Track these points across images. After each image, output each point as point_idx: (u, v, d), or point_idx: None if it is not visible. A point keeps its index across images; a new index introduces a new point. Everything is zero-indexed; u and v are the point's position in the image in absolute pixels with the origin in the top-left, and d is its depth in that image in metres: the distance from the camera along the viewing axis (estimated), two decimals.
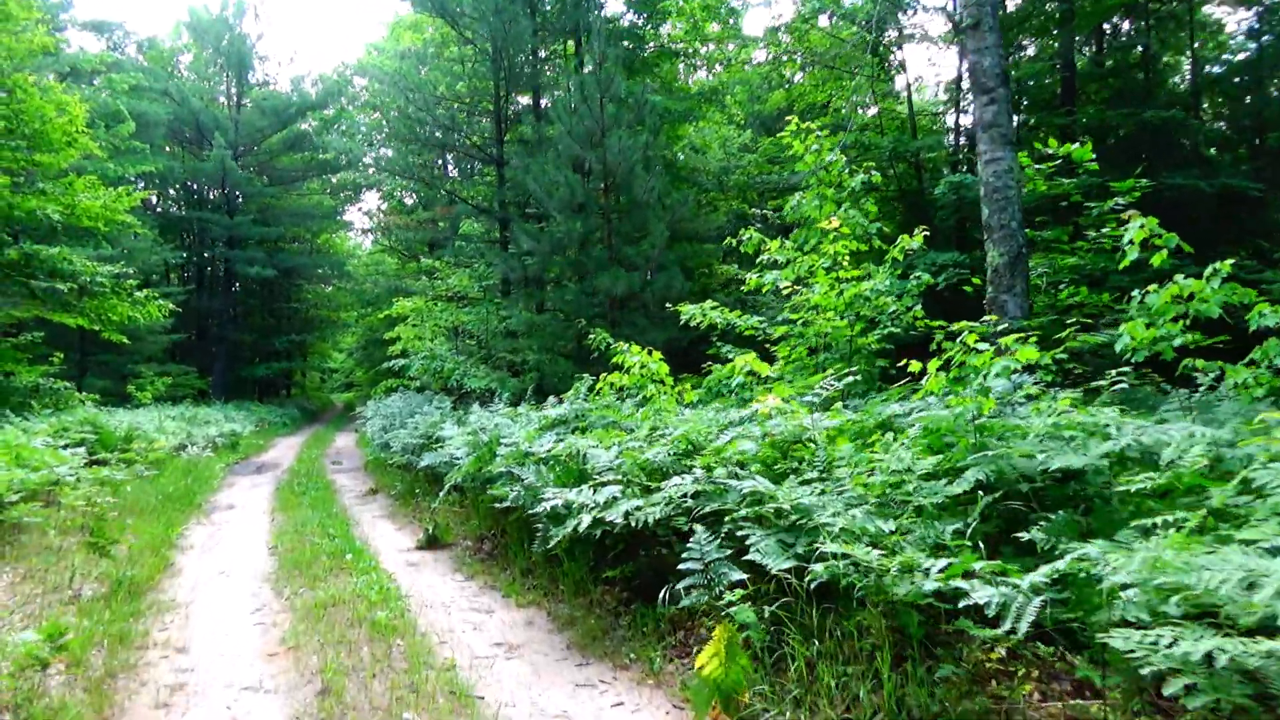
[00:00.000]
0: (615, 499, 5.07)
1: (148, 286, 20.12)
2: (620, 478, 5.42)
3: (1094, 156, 7.58)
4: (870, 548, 3.62)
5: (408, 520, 10.11)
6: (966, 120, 17.97)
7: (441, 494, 8.14)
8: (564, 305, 11.68)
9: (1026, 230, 8.18)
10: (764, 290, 9.08)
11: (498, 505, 6.98)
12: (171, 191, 37.00)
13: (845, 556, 3.57)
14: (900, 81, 20.72)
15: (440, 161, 22.85)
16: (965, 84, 17.02)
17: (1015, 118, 13.82)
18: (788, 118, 9.97)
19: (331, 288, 42.98)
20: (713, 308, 9.15)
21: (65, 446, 12.13)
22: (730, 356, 9.03)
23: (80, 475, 9.92)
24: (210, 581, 7.19)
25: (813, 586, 3.74)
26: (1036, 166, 8.07)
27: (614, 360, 10.92)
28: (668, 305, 12.61)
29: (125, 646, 5.26)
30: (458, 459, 8.56)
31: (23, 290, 17.11)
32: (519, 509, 6.38)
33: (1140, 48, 18.25)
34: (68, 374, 25.89)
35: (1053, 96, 17.17)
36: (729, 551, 4.28)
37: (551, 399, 9.24)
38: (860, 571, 3.56)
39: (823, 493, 4.16)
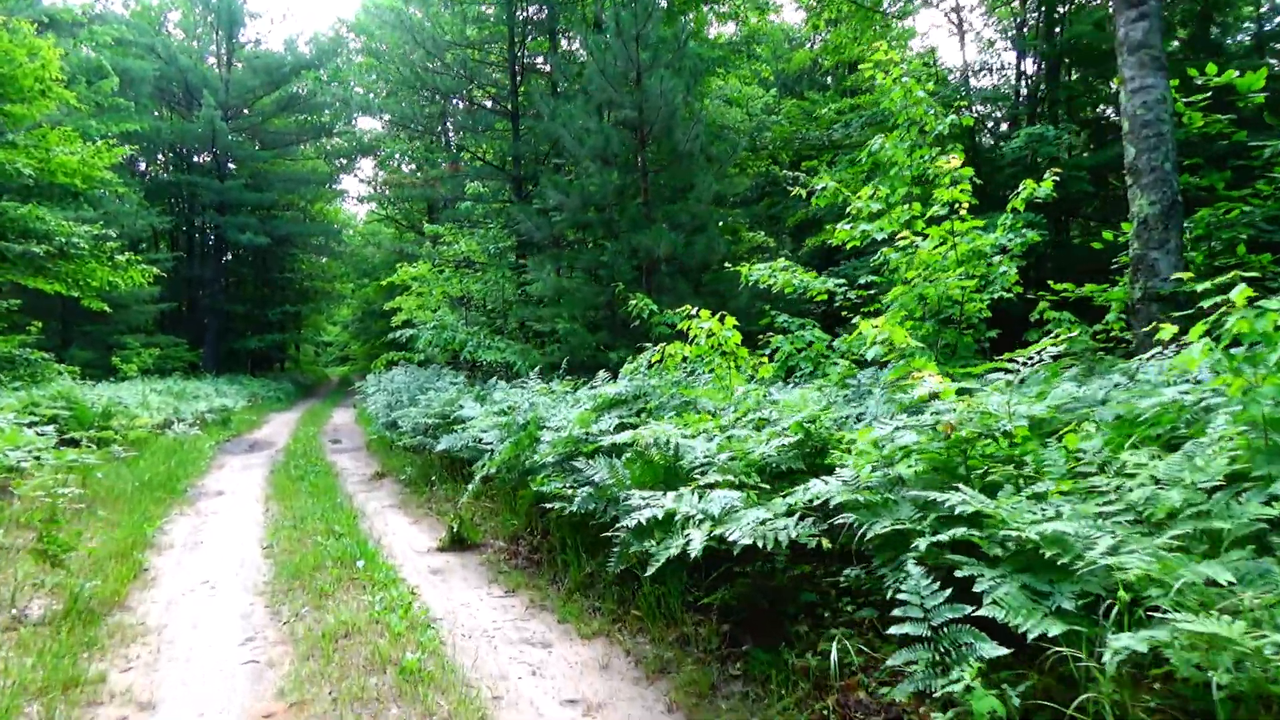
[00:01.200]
0: (734, 509, 3.74)
1: (134, 252, 18.68)
2: (730, 478, 4.08)
3: (1264, 86, 6.22)
4: (1202, 607, 2.32)
5: (423, 512, 8.77)
6: (1031, 65, 16.46)
7: (470, 487, 6.80)
8: (598, 268, 10.32)
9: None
10: (850, 246, 7.69)
11: (547, 506, 5.63)
12: (159, 156, 35.29)
13: (1166, 621, 2.25)
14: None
15: (445, 122, 21.30)
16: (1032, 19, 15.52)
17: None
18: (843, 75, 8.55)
19: (326, 258, 41.44)
20: (783, 268, 7.78)
21: (32, 425, 10.77)
22: (789, 327, 7.72)
23: (44, 459, 8.57)
24: (191, 595, 5.86)
25: (1114, 666, 2.41)
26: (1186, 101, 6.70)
27: (657, 330, 9.59)
28: (709, 269, 11.29)
29: (71, 699, 3.93)
30: (487, 445, 7.24)
31: None
32: (575, 510, 5.03)
33: None
34: (48, 345, 24.48)
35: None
36: (942, 598, 2.94)
37: (603, 374, 7.89)
38: (1205, 650, 2.24)
39: (1096, 517, 2.82)
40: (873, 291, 8.02)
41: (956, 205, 6.42)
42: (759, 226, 18.25)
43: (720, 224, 12.24)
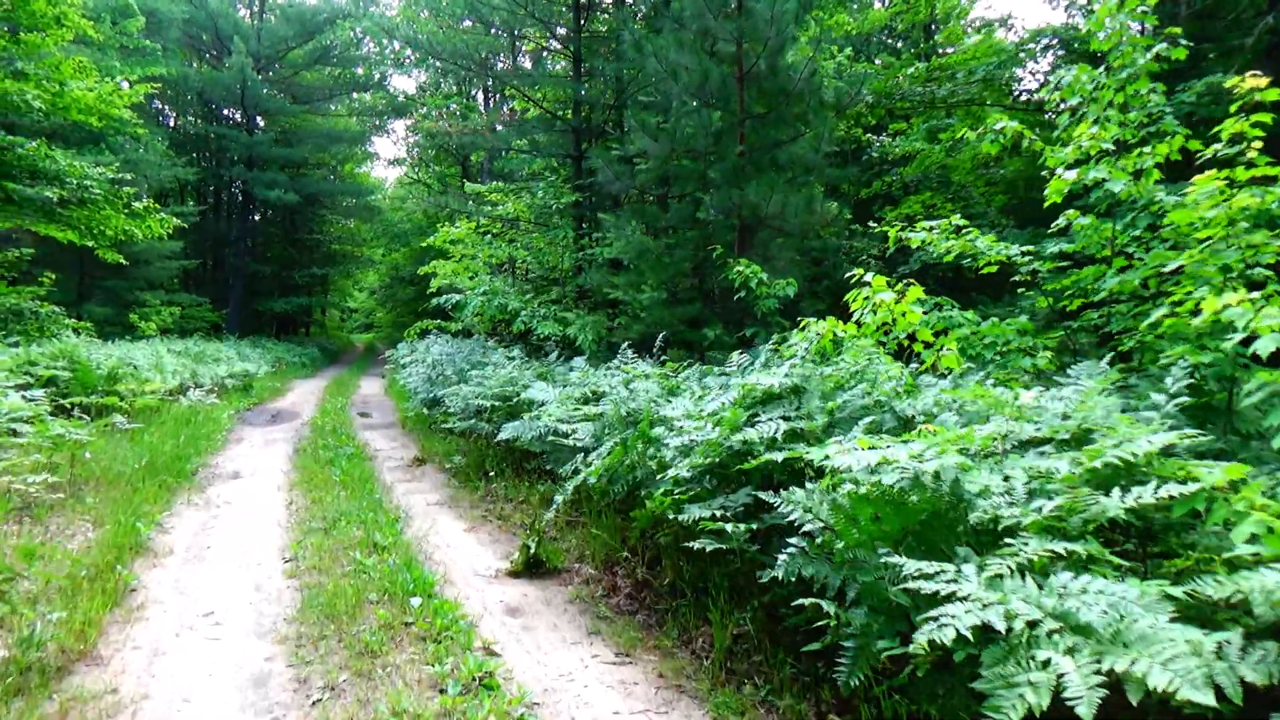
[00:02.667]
0: (1129, 619, 2.08)
1: (159, 205, 17.15)
2: (1070, 547, 2.41)
3: None
4: None
5: (480, 515, 7.17)
6: None
7: (558, 500, 5.16)
8: (689, 226, 8.63)
9: None
10: (1081, 191, 5.92)
11: (676, 539, 4.01)
12: (187, 107, 33.77)
13: None
14: None
15: (495, 63, 19.50)
16: None
17: None
18: None
19: (355, 220, 39.92)
20: (953, 230, 6.08)
21: (22, 388, 9.30)
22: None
23: (23, 432, 7.05)
24: (187, 638, 4.29)
25: None
26: None
27: (763, 305, 7.92)
28: (810, 233, 9.63)
29: None
30: (574, 441, 5.61)
31: None
32: (781, 576, 3.39)
33: None
34: (63, 299, 23.15)
35: None
36: None
37: (737, 355, 6.24)
38: None
39: None
40: (1065, 264, 6.29)
41: (1244, 144, 4.68)
42: (829, 196, 16.50)
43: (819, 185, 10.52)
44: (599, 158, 8.86)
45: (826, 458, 3.32)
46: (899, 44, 25.74)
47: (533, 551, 5.44)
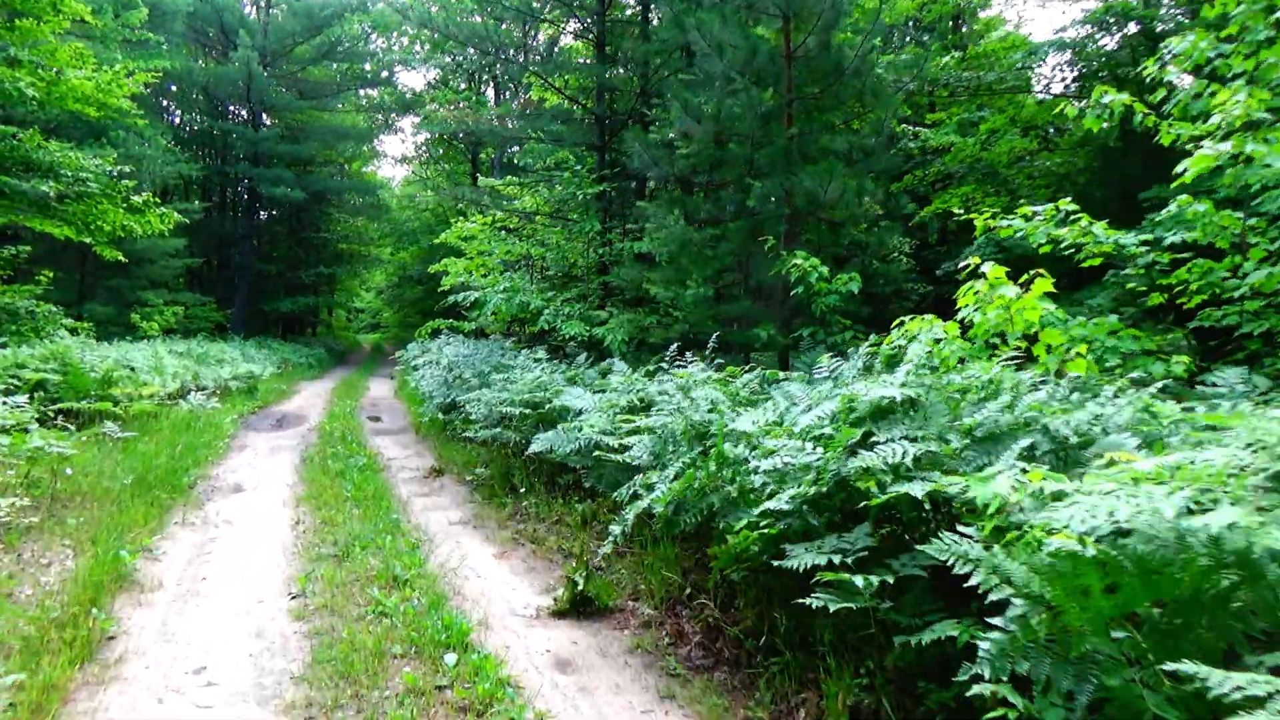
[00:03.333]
0: None
1: (162, 202, 16.37)
2: None
3: None
4: None
5: (510, 536, 6.37)
6: None
7: (615, 532, 4.35)
8: (736, 216, 7.81)
9: None
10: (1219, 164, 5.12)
11: (805, 601, 3.22)
12: (191, 101, 33.01)
13: None
14: None
15: (507, 53, 18.68)
16: None
17: None
18: None
19: (362, 220, 39.18)
20: (1067, 215, 5.27)
21: (5, 393, 8.55)
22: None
23: None
24: (171, 706, 3.51)
25: None
26: None
27: (823, 302, 7.13)
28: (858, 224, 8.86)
29: None
30: (634, 460, 4.82)
31: None
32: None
33: None
34: (63, 299, 22.43)
35: None
36: None
37: (828, 360, 5.43)
38: None
39: None
40: (1186, 255, 5.49)
41: None
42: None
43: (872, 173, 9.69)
44: (635, 140, 8.07)
45: (998, 499, 2.53)
46: (925, 36, 24.99)
47: (580, 588, 4.64)
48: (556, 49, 15.26)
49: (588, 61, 13.45)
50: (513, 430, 7.48)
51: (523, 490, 7.28)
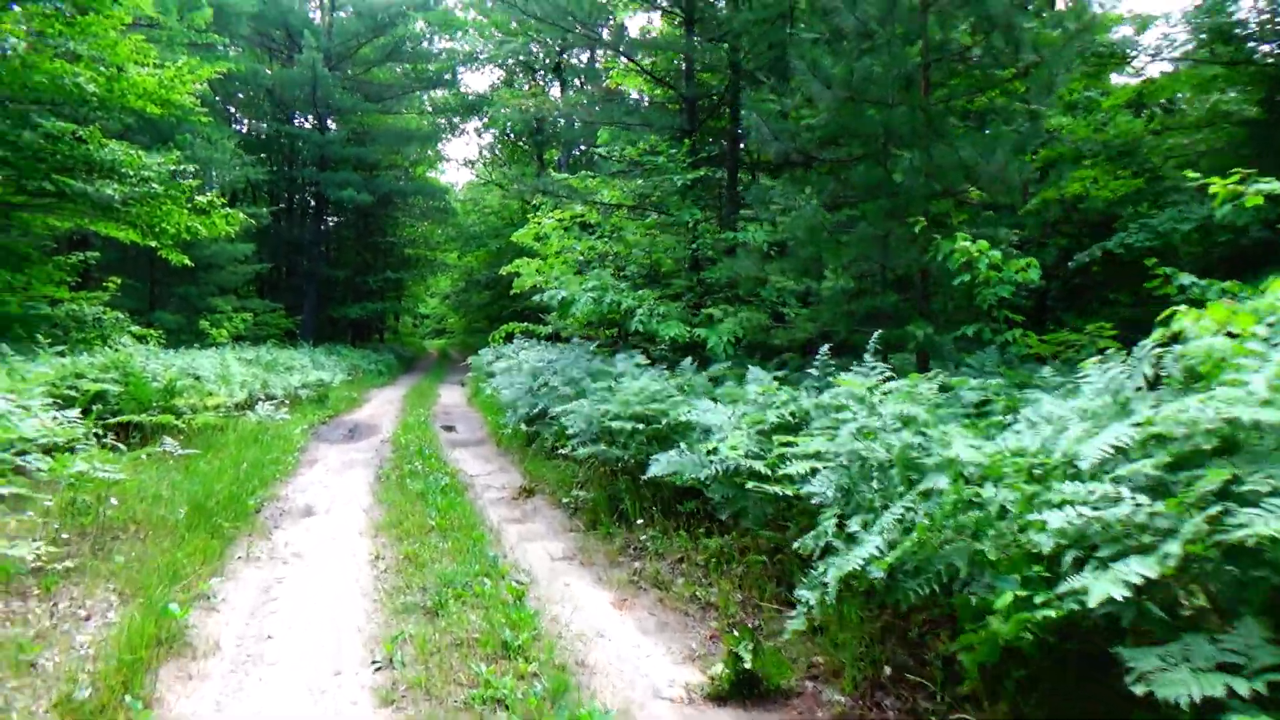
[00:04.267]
0: None
1: (229, 207, 15.77)
2: None
3: None
4: None
5: (629, 580, 5.28)
6: None
7: (811, 600, 3.23)
8: (873, 194, 6.62)
9: None
10: None
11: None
12: (257, 105, 32.79)
13: None
14: None
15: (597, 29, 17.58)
16: None
17: None
18: None
19: (428, 224, 38.72)
20: None
21: (62, 406, 7.79)
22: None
23: (31, 464, 5.45)
24: None
25: None
26: None
27: (989, 292, 5.92)
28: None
29: None
30: (817, 499, 3.70)
31: (49, 188, 12.83)
32: None
33: None
34: (133, 307, 22.16)
35: None
36: None
37: (1093, 365, 4.26)
38: None
39: None
40: None
41: None
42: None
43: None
44: (755, 108, 6.94)
45: None
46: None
47: (743, 665, 3.54)
48: (627, 35, 14.16)
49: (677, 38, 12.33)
50: (619, 447, 6.41)
51: (629, 513, 6.20)
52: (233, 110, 32.77)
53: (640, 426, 6.07)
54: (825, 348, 5.44)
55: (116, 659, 3.63)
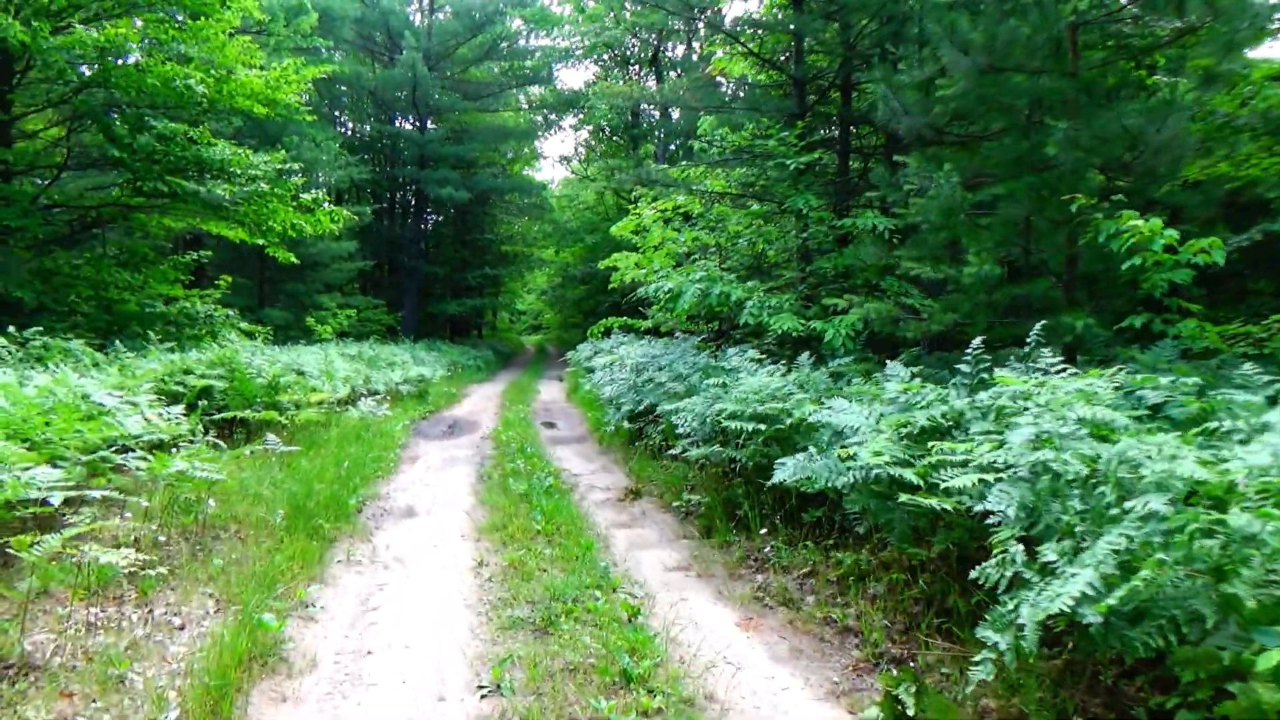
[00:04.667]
0: None
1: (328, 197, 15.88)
2: None
3: None
4: None
5: (753, 596, 4.79)
6: None
7: (1003, 646, 2.66)
8: (1023, 171, 5.94)
9: None
10: None
11: None
12: (360, 106, 33.39)
13: None
14: None
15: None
16: None
17: None
18: None
19: (525, 220, 38.92)
20: None
21: (170, 401, 7.77)
22: None
23: (130, 464, 5.29)
24: None
25: None
26: None
27: (1159, 276, 5.20)
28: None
29: None
30: (997, 517, 3.15)
31: (163, 189, 13.06)
32: None
33: None
34: (245, 304, 22.75)
35: None
36: None
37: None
38: None
39: None
40: None
41: None
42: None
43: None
44: (883, 77, 6.33)
45: None
46: None
47: (908, 711, 3.02)
48: (724, 20, 13.60)
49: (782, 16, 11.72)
50: (735, 449, 5.92)
51: (754, 526, 5.70)
52: (337, 113, 33.48)
53: (760, 427, 5.57)
54: (978, 341, 4.81)
55: (206, 678, 3.35)
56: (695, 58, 29.79)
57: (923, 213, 6.03)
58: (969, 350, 4.82)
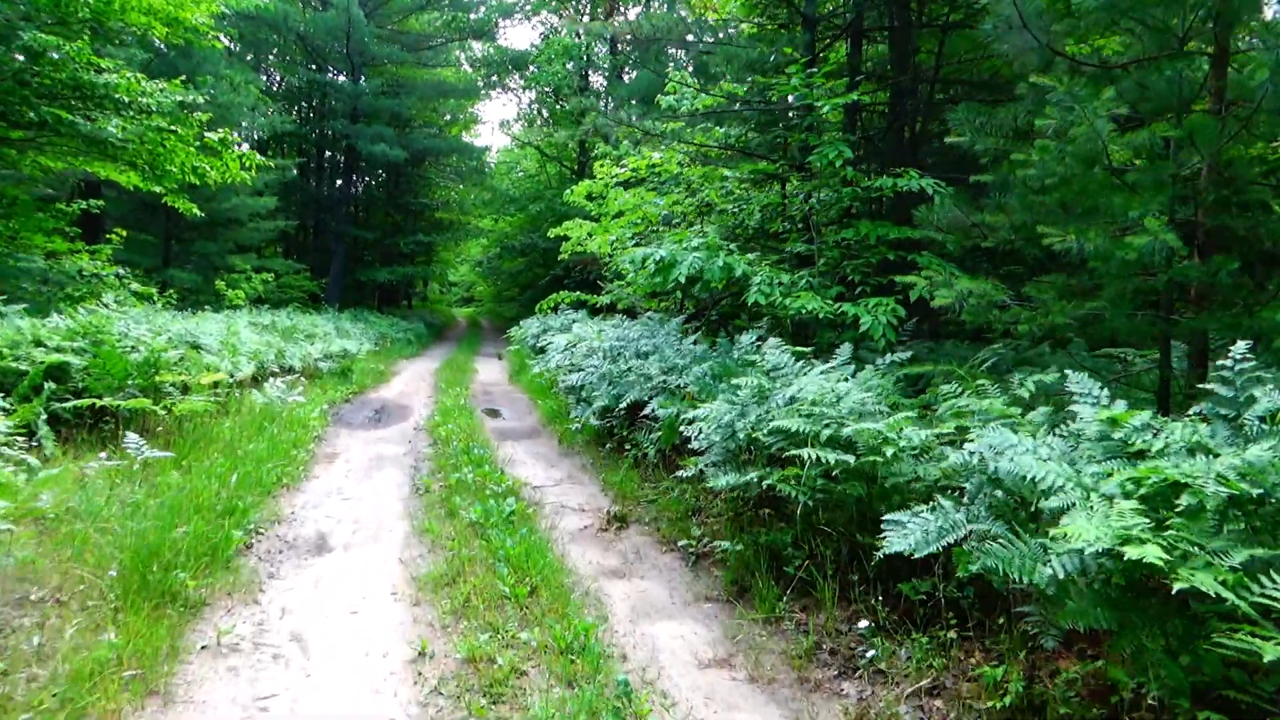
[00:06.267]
0: None
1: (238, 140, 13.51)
2: None
3: None
4: None
5: (812, 685, 3.11)
6: None
7: None
8: (1192, 106, 4.35)
9: None
10: None
11: None
12: (286, 52, 30.49)
13: None
14: None
15: None
16: None
17: None
18: None
19: (462, 185, 36.52)
20: None
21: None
22: None
23: None
24: None
25: None
26: None
27: None
28: None
29: None
30: None
31: (33, 117, 10.73)
32: None
33: None
34: (148, 264, 20.21)
35: None
36: None
37: None
38: None
39: None
40: None
41: None
42: None
43: None
44: None
45: None
46: None
47: None
48: None
49: None
50: (794, 484, 4.17)
51: (824, 596, 3.97)
52: (262, 62, 30.64)
53: (847, 460, 3.81)
54: (1241, 346, 3.15)
55: None
56: (662, 7, 27.63)
57: (1045, 167, 4.35)
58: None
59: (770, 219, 9.55)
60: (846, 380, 4.53)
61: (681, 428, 5.29)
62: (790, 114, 8.37)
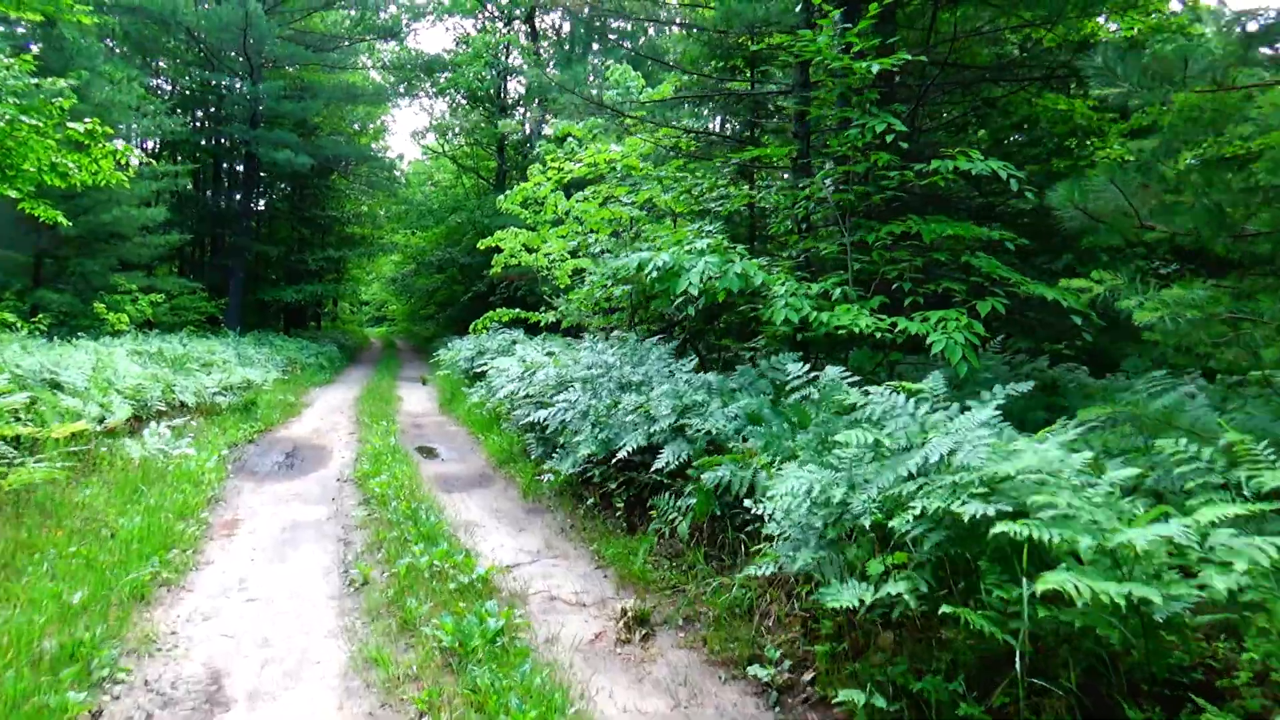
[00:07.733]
0: None
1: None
2: None
3: None
4: None
5: None
6: None
7: None
8: None
9: None
10: None
11: None
12: (174, 48, 27.79)
13: None
14: None
15: None
16: None
17: None
18: None
19: (374, 197, 34.29)
20: None
21: None
22: None
23: None
24: None
25: None
26: None
27: None
28: None
29: None
30: None
31: None
32: None
33: None
34: (22, 286, 17.64)
35: None
36: None
37: None
38: None
39: None
40: None
41: None
42: None
43: None
44: None
45: None
46: None
47: None
48: None
49: None
50: (992, 618, 2.62)
51: None
52: (151, 63, 27.95)
53: (1145, 594, 2.26)
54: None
55: None
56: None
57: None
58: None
59: (772, 216, 8.06)
60: (1062, 450, 2.96)
61: (761, 507, 3.67)
62: (806, 84, 6.87)
